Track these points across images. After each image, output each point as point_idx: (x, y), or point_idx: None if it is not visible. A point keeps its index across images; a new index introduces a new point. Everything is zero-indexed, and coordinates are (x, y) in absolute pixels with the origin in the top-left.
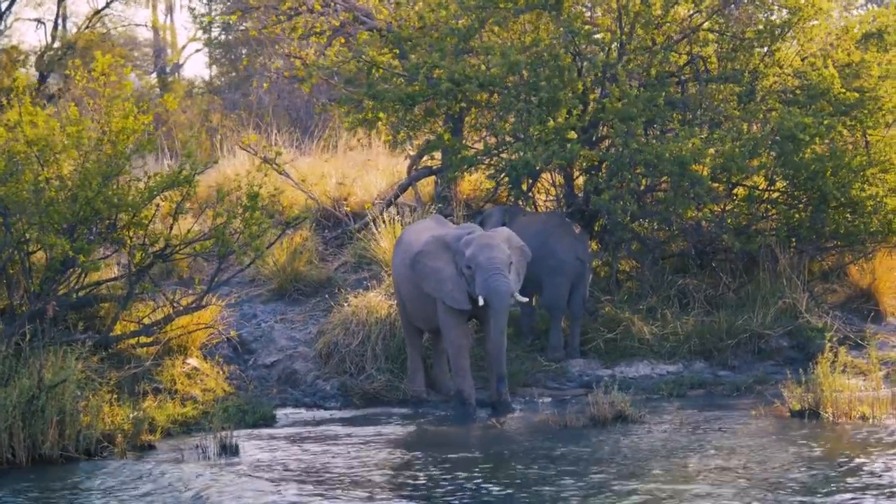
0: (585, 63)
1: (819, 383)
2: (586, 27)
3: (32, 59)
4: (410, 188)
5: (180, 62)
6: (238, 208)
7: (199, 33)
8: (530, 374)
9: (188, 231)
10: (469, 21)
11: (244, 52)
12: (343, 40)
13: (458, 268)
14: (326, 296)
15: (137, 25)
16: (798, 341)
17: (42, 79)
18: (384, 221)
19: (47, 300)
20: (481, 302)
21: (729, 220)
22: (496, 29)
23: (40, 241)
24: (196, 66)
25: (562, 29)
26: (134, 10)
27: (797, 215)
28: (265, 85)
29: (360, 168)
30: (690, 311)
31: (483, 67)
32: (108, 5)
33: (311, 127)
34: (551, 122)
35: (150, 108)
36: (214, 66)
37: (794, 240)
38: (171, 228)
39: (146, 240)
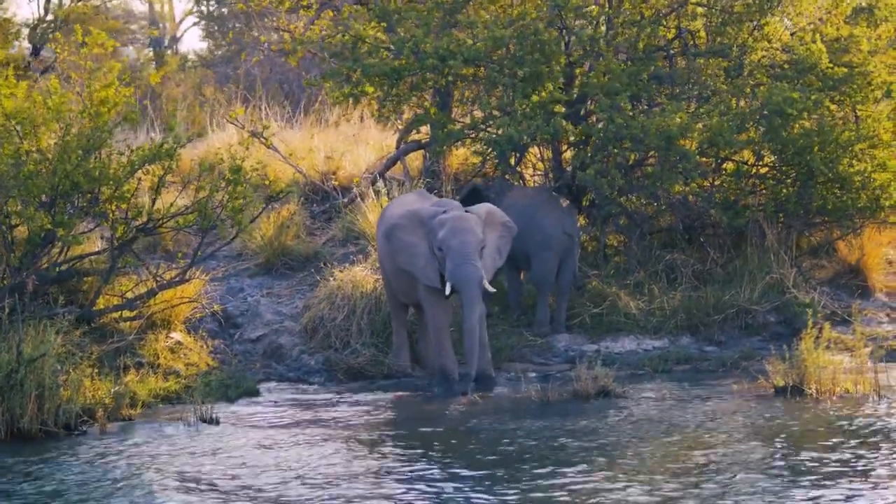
0: (573, 37)
1: (802, 359)
2: (573, 0)
3: (26, 32)
4: (399, 162)
5: (178, 35)
6: (221, 182)
7: (194, 6)
8: (516, 348)
9: (171, 205)
10: None
11: (238, 25)
12: (332, 13)
13: (431, 246)
14: (312, 270)
15: None
16: (785, 317)
17: (35, 52)
18: (371, 196)
19: (27, 274)
20: (448, 290)
21: (717, 196)
22: (484, 2)
23: (19, 214)
24: (194, 40)
25: (548, 2)
26: None
27: (784, 190)
28: (254, 59)
29: (350, 142)
30: (678, 287)
31: (469, 42)
32: None
33: (303, 100)
34: (535, 97)
35: (132, 80)
36: (209, 40)
37: (781, 215)
38: (154, 202)
39: (128, 213)
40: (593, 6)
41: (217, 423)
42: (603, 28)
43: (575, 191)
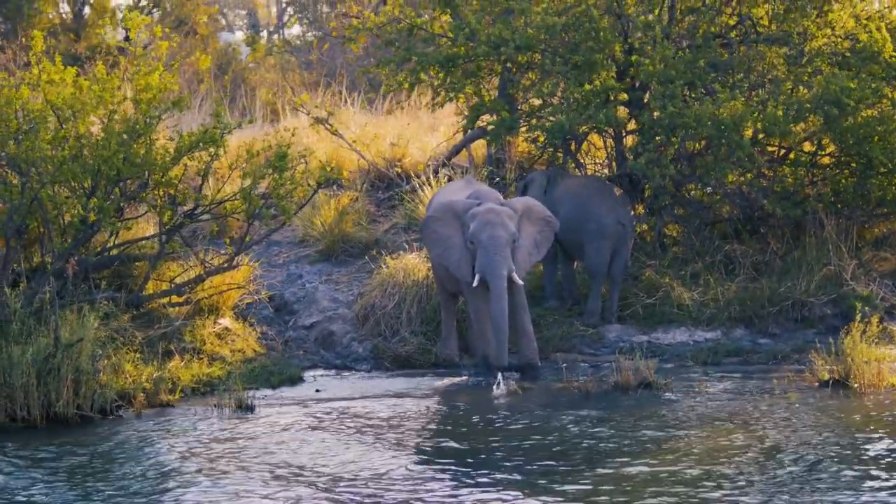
0: (630, 24)
1: (848, 353)
2: None
3: (120, 16)
4: (465, 150)
5: (283, 20)
6: (267, 169)
7: None
8: (566, 338)
9: (218, 191)
10: None
11: (326, 10)
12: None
13: (465, 239)
14: (367, 258)
15: None
16: (842, 309)
17: (127, 38)
18: (431, 184)
19: (67, 259)
20: (476, 282)
21: (777, 186)
22: None
23: (54, 200)
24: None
25: None
26: None
27: (843, 181)
28: (325, 45)
29: (420, 128)
30: (735, 278)
31: (523, 29)
32: None
33: (382, 87)
34: (587, 86)
35: (226, 66)
36: (298, 26)
37: (840, 206)
38: (201, 188)
39: (175, 199)
40: None
41: (252, 409)
42: (664, 15)
43: (635, 180)
